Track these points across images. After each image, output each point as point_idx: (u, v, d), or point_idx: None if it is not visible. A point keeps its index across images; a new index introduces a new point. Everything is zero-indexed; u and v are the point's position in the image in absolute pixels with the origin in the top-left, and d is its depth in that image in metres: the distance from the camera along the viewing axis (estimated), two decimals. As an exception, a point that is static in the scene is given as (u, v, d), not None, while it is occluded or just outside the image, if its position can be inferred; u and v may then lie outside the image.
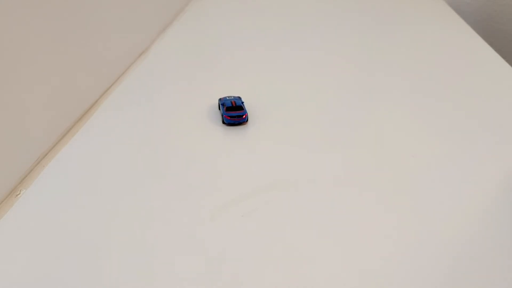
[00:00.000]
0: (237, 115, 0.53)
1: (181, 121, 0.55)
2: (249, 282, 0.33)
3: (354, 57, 0.76)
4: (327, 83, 0.66)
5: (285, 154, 0.49)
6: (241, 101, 0.55)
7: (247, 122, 0.55)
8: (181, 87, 0.64)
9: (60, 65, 0.52)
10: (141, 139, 0.51)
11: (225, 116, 0.53)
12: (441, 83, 0.66)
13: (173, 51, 0.77)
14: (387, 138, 0.52)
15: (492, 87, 0.65)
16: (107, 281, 0.33)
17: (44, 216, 0.40)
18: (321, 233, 0.38)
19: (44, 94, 0.49)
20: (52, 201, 0.42)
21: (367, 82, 0.67)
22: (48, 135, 0.50)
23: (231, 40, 0.83)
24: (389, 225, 0.39)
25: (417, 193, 0.43)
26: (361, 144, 0.51)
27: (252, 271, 0.34)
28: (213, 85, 0.65)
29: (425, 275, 0.34)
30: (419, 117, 0.57)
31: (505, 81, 0.67)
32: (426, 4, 1.07)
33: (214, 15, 0.97)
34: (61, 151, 0.49)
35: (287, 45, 0.81)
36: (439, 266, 0.35)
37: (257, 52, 0.77)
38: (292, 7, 1.03)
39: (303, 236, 0.38)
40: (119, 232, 0.38)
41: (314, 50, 0.79)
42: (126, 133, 0.53)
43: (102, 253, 0.36)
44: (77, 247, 0.36)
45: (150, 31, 0.82)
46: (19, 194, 0.43)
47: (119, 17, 0.68)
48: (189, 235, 0.38)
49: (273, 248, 0.36)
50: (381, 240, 0.37)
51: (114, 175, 0.45)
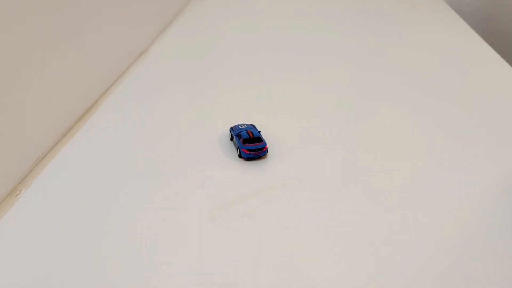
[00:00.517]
0: (256, 148, 0.47)
1: (181, 121, 0.55)
2: (249, 282, 0.33)
3: (354, 57, 0.76)
4: (327, 83, 0.66)
5: (285, 154, 0.49)
6: (258, 131, 0.49)
7: (267, 155, 0.48)
8: (181, 87, 0.64)
9: (60, 65, 0.52)
10: (141, 139, 0.51)
11: (243, 150, 0.46)
12: (441, 83, 0.66)
13: (173, 51, 0.78)
14: (387, 138, 0.52)
15: (492, 87, 0.65)
16: (107, 281, 0.33)
17: (44, 216, 0.40)
18: (321, 233, 0.38)
19: (44, 94, 0.49)
20: (52, 201, 0.42)
21: (366, 82, 0.67)
22: (48, 135, 0.50)
23: (231, 40, 0.83)
24: (389, 225, 0.39)
25: (417, 193, 0.43)
26: (361, 144, 0.51)
27: (252, 271, 0.34)
28: (213, 85, 0.65)
29: (425, 275, 0.34)
30: (419, 117, 0.57)
31: (505, 81, 0.67)
32: (426, 4, 1.07)
33: (214, 15, 0.97)
34: (61, 151, 0.49)
35: (287, 45, 0.81)
36: (439, 265, 0.35)
37: (257, 52, 0.77)
38: (291, 7, 1.03)
39: (303, 236, 0.38)
40: (119, 232, 0.38)
41: (314, 49, 0.79)
42: (126, 133, 0.53)
43: (101, 253, 0.36)
44: (77, 247, 0.36)
45: (150, 31, 0.82)
46: (19, 194, 0.43)
47: (119, 17, 0.68)
48: (189, 235, 0.37)
49: (273, 248, 0.36)
50: (381, 240, 0.37)
51: (114, 175, 0.45)
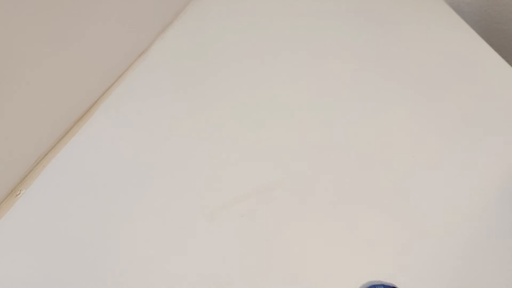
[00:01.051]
0: None
1: (181, 121, 0.55)
2: (249, 282, 0.33)
3: (353, 57, 0.76)
4: (327, 83, 0.66)
5: (285, 154, 0.49)
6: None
7: None
8: (182, 87, 0.64)
9: (60, 65, 0.52)
10: (141, 139, 0.51)
11: None
12: (441, 83, 0.66)
13: (173, 51, 0.77)
14: (387, 138, 0.52)
15: (492, 87, 0.65)
16: (107, 281, 0.33)
17: (44, 216, 0.40)
18: (321, 233, 0.38)
19: (44, 94, 0.49)
20: (52, 201, 0.42)
21: (366, 82, 0.67)
22: (48, 135, 0.50)
23: (232, 40, 0.83)
24: (389, 225, 0.39)
25: (418, 193, 0.43)
26: (361, 144, 0.51)
27: (252, 271, 0.34)
28: (213, 85, 0.65)
29: (425, 274, 0.34)
30: (419, 117, 0.57)
31: (505, 81, 0.67)
32: (426, 4, 1.07)
33: (214, 15, 0.97)
34: (61, 151, 0.49)
35: (287, 45, 0.81)
36: (439, 265, 0.35)
37: (258, 51, 0.77)
38: (291, 7, 1.03)
39: (303, 236, 0.37)
40: (119, 232, 0.38)
41: (313, 49, 0.79)
42: (126, 134, 0.53)
43: (101, 253, 0.36)
44: (76, 247, 0.36)
45: (150, 31, 0.82)
46: (19, 194, 0.43)
47: (119, 17, 0.68)
48: (189, 235, 0.37)
49: (273, 248, 0.36)
50: (381, 240, 0.37)
51: (113, 175, 0.45)
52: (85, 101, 0.58)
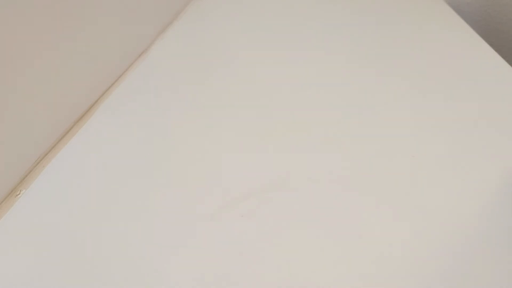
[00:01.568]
0: None
1: (181, 121, 0.55)
2: (249, 282, 0.33)
3: (353, 57, 0.76)
4: (326, 83, 0.66)
5: (285, 153, 0.49)
6: None
7: None
8: (182, 87, 0.64)
9: (59, 65, 0.52)
10: (141, 139, 0.51)
11: None
12: (440, 83, 0.66)
13: (173, 51, 0.77)
14: (387, 138, 0.52)
15: (492, 87, 0.65)
16: (107, 281, 0.33)
17: (44, 216, 0.40)
18: (321, 233, 0.38)
19: (43, 94, 0.49)
20: (52, 201, 0.42)
21: (366, 81, 0.67)
22: (48, 135, 0.50)
23: (232, 40, 0.83)
24: (389, 225, 0.39)
25: (418, 192, 0.43)
26: (361, 144, 0.51)
27: (252, 271, 0.34)
28: (214, 85, 0.65)
29: (425, 274, 0.34)
30: (418, 117, 0.57)
31: (505, 81, 0.67)
32: (426, 4, 1.07)
33: (215, 15, 0.97)
34: (61, 151, 0.49)
35: (287, 45, 0.81)
36: (439, 265, 0.35)
37: (258, 51, 0.77)
38: (291, 7, 1.03)
39: (303, 236, 0.38)
40: (119, 232, 0.38)
41: (313, 49, 0.79)
42: (126, 134, 0.53)
43: (101, 253, 0.36)
44: (76, 247, 0.36)
45: (150, 31, 0.82)
46: (19, 194, 0.43)
47: (119, 17, 0.68)
48: (188, 235, 0.37)
49: (273, 248, 0.36)
50: (381, 240, 0.37)
51: (113, 175, 0.45)
52: (85, 101, 0.58)
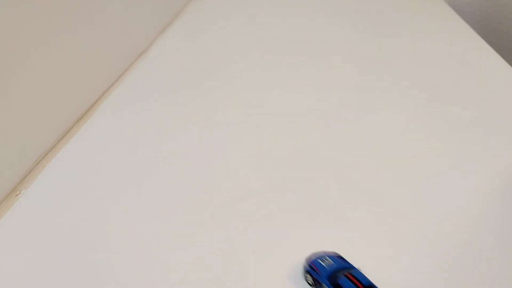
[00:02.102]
0: None
1: (181, 121, 0.55)
2: (248, 282, 0.33)
3: (353, 58, 0.76)
4: (327, 84, 0.66)
5: (286, 154, 0.49)
6: (359, 270, 0.32)
7: None
8: (182, 87, 0.64)
9: (60, 66, 0.52)
10: (140, 139, 0.51)
11: None
12: (441, 83, 0.66)
13: (173, 51, 0.77)
14: (387, 138, 0.52)
15: (492, 87, 0.65)
16: (107, 281, 0.33)
17: (44, 216, 0.40)
18: (321, 233, 0.38)
19: (44, 94, 0.49)
20: (52, 201, 0.42)
21: (366, 82, 0.67)
22: (48, 135, 0.50)
23: (231, 40, 0.83)
24: (389, 225, 0.39)
25: (418, 193, 0.43)
26: (361, 144, 0.51)
27: (251, 271, 0.34)
28: (214, 85, 0.65)
29: (425, 274, 0.34)
30: (419, 118, 0.57)
31: (505, 81, 0.67)
32: (426, 4, 1.07)
33: (214, 15, 0.97)
34: (61, 152, 0.49)
35: (287, 45, 0.81)
36: (439, 265, 0.35)
37: (258, 51, 0.77)
38: (291, 8, 1.03)
39: (303, 236, 0.38)
40: (119, 231, 0.38)
41: (313, 50, 0.79)
42: (125, 134, 0.53)
43: (101, 252, 0.36)
44: (76, 246, 0.36)
45: (150, 31, 0.82)
46: (19, 194, 0.43)
47: (119, 17, 0.68)
48: (189, 235, 0.37)
49: (273, 248, 0.36)
50: (381, 240, 0.37)
51: (113, 175, 0.45)
52: (85, 101, 0.58)
